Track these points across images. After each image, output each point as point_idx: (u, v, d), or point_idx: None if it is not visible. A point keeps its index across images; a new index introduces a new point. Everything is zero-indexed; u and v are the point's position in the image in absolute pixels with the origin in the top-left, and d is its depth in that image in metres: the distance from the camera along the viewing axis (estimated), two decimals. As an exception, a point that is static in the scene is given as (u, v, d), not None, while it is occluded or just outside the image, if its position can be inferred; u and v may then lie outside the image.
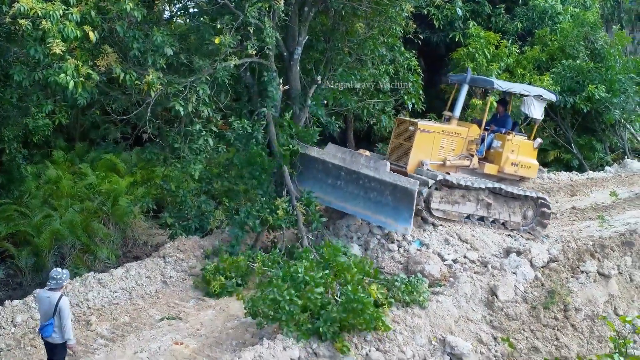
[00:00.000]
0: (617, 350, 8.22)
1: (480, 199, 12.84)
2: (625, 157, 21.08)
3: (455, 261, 11.60)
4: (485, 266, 11.37)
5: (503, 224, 13.29)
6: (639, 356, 7.87)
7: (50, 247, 14.91)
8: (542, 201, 13.50)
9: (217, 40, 10.80)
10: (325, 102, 13.90)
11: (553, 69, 19.98)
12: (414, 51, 17.36)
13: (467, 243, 12.08)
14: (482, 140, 13.24)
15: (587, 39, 20.44)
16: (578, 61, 19.88)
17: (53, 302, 8.31)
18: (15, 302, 10.57)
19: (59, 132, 21.29)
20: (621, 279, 11.81)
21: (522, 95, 13.74)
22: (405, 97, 15.22)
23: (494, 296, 10.64)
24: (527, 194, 13.25)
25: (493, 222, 13.17)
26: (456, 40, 19.75)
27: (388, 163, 12.12)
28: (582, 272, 11.39)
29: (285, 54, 13.38)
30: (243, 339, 9.81)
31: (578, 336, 10.70)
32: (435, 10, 17.02)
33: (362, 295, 8.94)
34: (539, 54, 20.43)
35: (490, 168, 13.10)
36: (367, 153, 13.14)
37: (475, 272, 11.16)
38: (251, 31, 11.11)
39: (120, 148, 20.79)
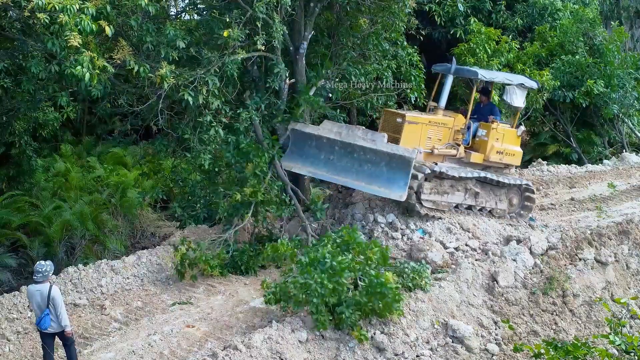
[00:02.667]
0: (612, 331, 8.58)
1: (468, 188, 13.04)
2: (624, 151, 21.41)
3: (457, 249, 11.98)
4: (486, 253, 11.71)
5: (490, 211, 13.54)
6: (634, 336, 8.23)
7: (61, 237, 15.33)
8: (527, 187, 13.75)
9: (225, 34, 11.13)
10: (330, 95, 14.24)
11: (552, 65, 20.28)
12: (415, 47, 17.67)
13: (468, 232, 12.44)
14: (468, 129, 13.38)
15: (586, 35, 20.75)
16: (577, 57, 20.19)
17: (44, 294, 8.47)
18: (32, 287, 10.94)
19: (66, 127, 21.68)
20: (618, 267, 12.16)
21: (504, 85, 13.88)
22: (408, 91, 15.55)
23: (495, 282, 10.98)
24: (513, 181, 13.48)
25: (480, 210, 13.41)
26: (457, 36, 19.99)
27: (385, 135, 12.20)
28: (580, 259, 11.75)
29: (291, 48, 13.71)
30: (252, 323, 10.18)
31: (576, 321, 11.06)
32: (436, 7, 17.35)
33: (384, 279, 9.29)
34: (538, 50, 20.72)
35: (476, 157, 13.23)
36: (363, 128, 13.13)
37: (476, 259, 11.50)
38: (259, 25, 11.43)
39: (127, 142, 21.14)
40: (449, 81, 13.18)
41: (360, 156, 12.13)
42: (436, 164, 12.65)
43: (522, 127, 14.15)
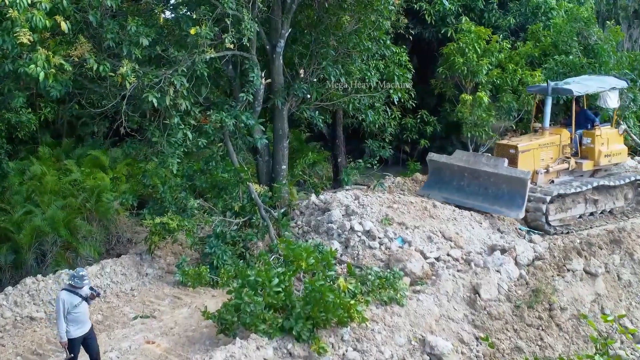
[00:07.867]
0: (597, 352, 7.93)
1: (587, 198, 13.63)
2: (619, 154, 20.73)
3: (438, 259, 11.30)
4: (469, 264, 11.09)
5: (610, 211, 14.11)
6: (620, 356, 7.58)
7: (31, 243, 14.62)
8: (639, 182, 14.36)
9: (192, 31, 10.53)
10: (309, 95, 13.61)
11: (545, 65, 19.61)
12: (404, 46, 17.02)
13: (450, 241, 11.76)
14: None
15: (581, 35, 20.06)
16: (571, 57, 19.50)
17: None
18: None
19: (45, 128, 20.99)
20: (609, 278, 11.54)
21: (598, 92, 14.66)
22: (391, 91, 14.88)
23: (477, 295, 10.37)
24: (624, 180, 14.05)
25: (601, 213, 13.96)
26: (448, 35, 19.35)
27: (506, 159, 13.07)
28: (568, 270, 11.14)
29: (267, 47, 13.11)
30: (217, 339, 9.54)
31: (563, 336, 10.44)
32: (427, 6, 16.71)
33: (321, 283, 8.71)
34: (531, 50, 20.05)
35: (587, 165, 14.00)
36: (487, 155, 14.15)
37: (458, 270, 10.89)
38: (229, 23, 10.81)
39: (107, 144, 20.48)
40: (549, 102, 13.85)
41: (485, 180, 13.16)
42: (553, 181, 13.57)
43: (622, 125, 14.87)
